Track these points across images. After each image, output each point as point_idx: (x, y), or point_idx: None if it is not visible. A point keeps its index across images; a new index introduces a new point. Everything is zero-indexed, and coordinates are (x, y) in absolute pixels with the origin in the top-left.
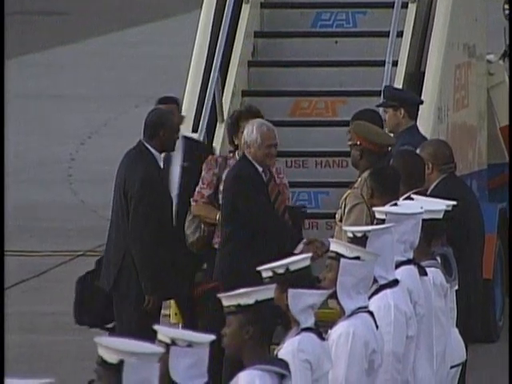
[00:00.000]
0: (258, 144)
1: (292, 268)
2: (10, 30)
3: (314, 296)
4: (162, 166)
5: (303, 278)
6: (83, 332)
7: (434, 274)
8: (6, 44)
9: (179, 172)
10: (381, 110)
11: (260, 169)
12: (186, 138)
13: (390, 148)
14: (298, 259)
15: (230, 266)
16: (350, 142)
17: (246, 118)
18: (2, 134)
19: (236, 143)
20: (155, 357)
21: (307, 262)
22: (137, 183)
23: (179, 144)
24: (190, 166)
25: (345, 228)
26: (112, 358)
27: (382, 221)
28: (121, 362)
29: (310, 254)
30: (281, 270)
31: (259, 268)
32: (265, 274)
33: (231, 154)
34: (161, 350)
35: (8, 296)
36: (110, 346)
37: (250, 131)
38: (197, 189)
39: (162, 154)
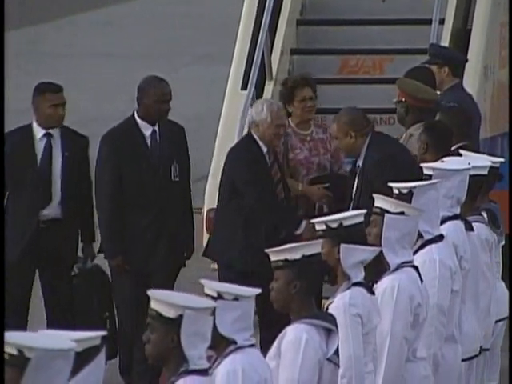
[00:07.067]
0: (267, 123)
1: (346, 223)
2: None
3: (365, 252)
4: (147, 134)
5: (355, 234)
6: None
7: (479, 228)
8: (59, 4)
9: None
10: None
11: (265, 149)
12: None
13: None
14: (353, 215)
15: (223, 247)
16: (395, 100)
17: (303, 86)
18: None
19: (290, 111)
20: (210, 310)
21: (361, 219)
22: (100, 145)
23: None
24: None
25: (391, 184)
26: (170, 313)
27: (430, 176)
28: (179, 316)
29: (364, 211)
30: (334, 225)
31: (313, 220)
32: (318, 227)
33: None
34: (214, 303)
35: None
36: (168, 301)
37: (260, 110)
38: None
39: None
